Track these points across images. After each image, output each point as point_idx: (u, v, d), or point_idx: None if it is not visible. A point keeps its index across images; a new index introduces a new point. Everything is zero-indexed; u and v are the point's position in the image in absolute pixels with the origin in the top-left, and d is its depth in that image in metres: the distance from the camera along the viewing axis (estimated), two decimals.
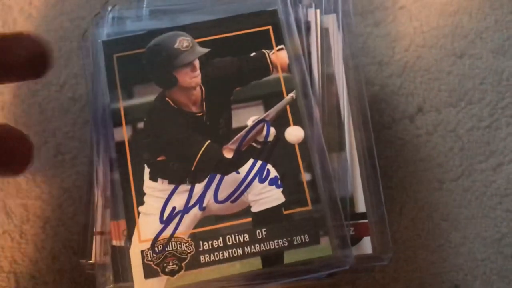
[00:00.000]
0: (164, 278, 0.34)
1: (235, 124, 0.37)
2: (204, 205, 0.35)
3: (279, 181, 0.36)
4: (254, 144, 0.36)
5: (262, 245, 0.34)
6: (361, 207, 0.36)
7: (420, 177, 0.44)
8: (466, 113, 0.45)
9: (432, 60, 0.47)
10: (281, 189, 0.35)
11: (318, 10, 0.39)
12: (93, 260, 0.34)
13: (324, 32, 0.39)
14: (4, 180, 0.44)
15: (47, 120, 0.46)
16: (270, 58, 0.38)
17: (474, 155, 0.44)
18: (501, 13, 0.48)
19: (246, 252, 0.34)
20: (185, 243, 0.34)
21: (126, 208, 0.35)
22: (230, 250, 0.34)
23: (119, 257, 0.34)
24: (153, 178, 0.36)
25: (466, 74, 0.46)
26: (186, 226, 0.35)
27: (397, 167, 0.44)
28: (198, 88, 0.37)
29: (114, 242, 0.34)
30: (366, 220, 0.36)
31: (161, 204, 0.35)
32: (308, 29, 0.39)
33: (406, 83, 0.46)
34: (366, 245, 0.35)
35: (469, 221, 0.43)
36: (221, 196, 0.35)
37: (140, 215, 0.35)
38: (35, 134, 0.45)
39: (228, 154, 0.36)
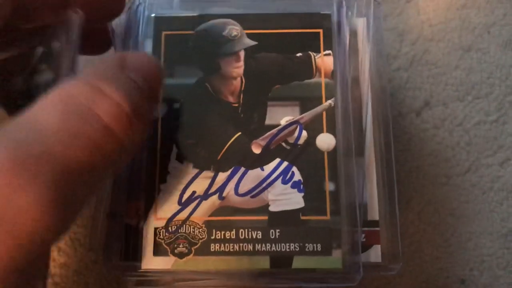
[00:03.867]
0: (172, 259, 0.34)
1: (268, 121, 0.37)
2: (223, 195, 0.35)
3: (301, 186, 0.35)
4: (283, 144, 0.36)
5: (273, 245, 0.34)
6: (374, 214, 0.36)
7: (426, 172, 0.44)
8: (473, 107, 0.45)
9: (440, 54, 0.47)
10: (302, 194, 0.35)
11: (349, 12, 0.39)
12: (103, 241, 0.35)
13: (353, 35, 0.39)
14: None
15: None
16: (315, 62, 0.38)
17: (481, 150, 0.44)
18: (510, 6, 0.48)
19: (256, 250, 0.34)
20: (199, 228, 0.35)
21: (148, 183, 0.35)
22: (241, 244, 0.34)
23: (131, 236, 0.34)
24: (180, 159, 0.36)
25: (473, 68, 0.46)
26: (202, 212, 0.35)
27: (403, 161, 0.44)
28: (238, 79, 0.37)
29: (128, 221, 0.35)
30: (378, 228, 0.35)
31: (183, 186, 0.35)
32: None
33: (413, 77, 0.46)
34: (376, 254, 0.35)
35: (475, 216, 0.43)
36: (242, 189, 0.35)
37: (160, 192, 0.35)
38: None
39: (256, 149, 0.36)
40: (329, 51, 0.38)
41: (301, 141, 0.36)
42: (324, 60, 0.38)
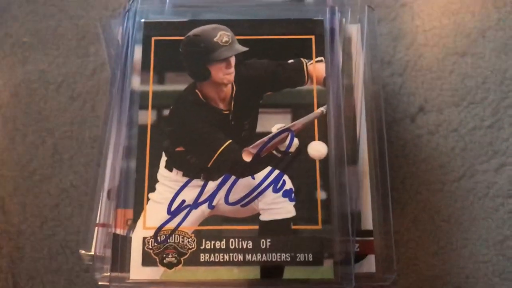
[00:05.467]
0: (161, 269, 0.34)
1: (259, 129, 0.36)
2: (213, 204, 0.35)
3: (293, 194, 0.35)
4: (274, 152, 0.36)
5: (264, 255, 0.34)
6: (368, 224, 0.35)
7: (421, 178, 0.43)
8: (468, 113, 0.45)
9: (434, 59, 0.47)
10: (293, 203, 0.35)
11: (344, 19, 0.38)
12: (92, 252, 0.34)
13: (347, 42, 0.38)
14: (1, 179, 0.44)
15: (44, 119, 0.46)
16: (307, 68, 0.37)
17: (476, 156, 0.44)
18: (504, 11, 0.48)
19: (246, 259, 0.34)
20: (188, 238, 0.34)
21: (137, 192, 0.35)
22: (231, 254, 0.34)
23: (120, 246, 0.34)
24: (169, 167, 0.35)
25: (468, 73, 0.46)
26: (192, 221, 0.34)
27: (398, 168, 0.43)
28: (229, 86, 0.37)
29: (117, 231, 0.34)
30: (372, 238, 0.35)
31: (172, 195, 0.35)
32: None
33: (408, 82, 0.46)
34: (370, 264, 0.35)
35: (471, 223, 0.42)
36: (232, 198, 0.35)
37: (149, 201, 0.35)
38: (32, 133, 0.46)
39: (247, 157, 0.35)
40: (321, 58, 0.37)
41: (292, 149, 0.36)
42: (316, 67, 0.37)
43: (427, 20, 0.48)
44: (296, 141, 0.36)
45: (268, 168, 0.35)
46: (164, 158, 0.36)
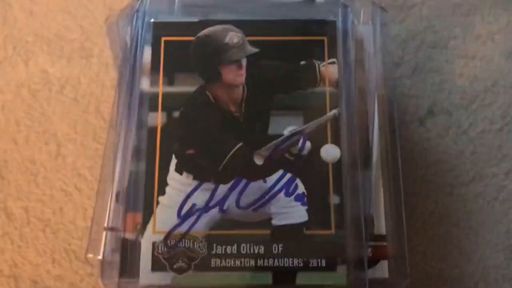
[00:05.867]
0: (170, 274, 0.33)
1: (271, 131, 0.36)
2: (224, 208, 0.34)
3: (305, 199, 0.34)
4: (287, 155, 0.35)
5: (276, 260, 0.33)
6: (381, 228, 0.35)
7: (430, 182, 0.43)
8: (477, 116, 0.45)
9: (443, 61, 0.46)
10: (306, 207, 0.34)
11: (355, 20, 0.38)
12: (101, 256, 0.34)
13: (359, 44, 0.38)
14: (4, 181, 0.44)
15: (48, 121, 0.45)
16: (319, 70, 0.37)
17: (486, 159, 0.43)
18: None
19: (258, 265, 0.33)
20: (199, 243, 0.33)
21: (146, 195, 0.34)
22: (242, 260, 0.33)
23: (129, 251, 0.33)
24: (179, 170, 0.35)
25: (477, 76, 0.46)
26: (202, 225, 0.34)
27: (407, 171, 0.42)
28: (240, 88, 0.36)
29: (127, 235, 0.33)
30: (385, 243, 0.34)
31: (182, 198, 0.34)
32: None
33: (416, 85, 0.46)
34: (383, 269, 0.34)
35: (480, 227, 0.42)
36: (244, 202, 0.34)
37: (159, 205, 0.34)
38: (36, 135, 0.45)
39: (259, 161, 0.35)
40: (334, 59, 0.37)
41: (305, 152, 0.35)
42: (329, 69, 0.37)
43: (436, 22, 0.47)
44: (308, 144, 0.35)
45: (280, 172, 0.35)
46: (174, 161, 0.35)
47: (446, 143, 0.44)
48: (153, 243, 0.33)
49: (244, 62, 0.36)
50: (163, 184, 0.34)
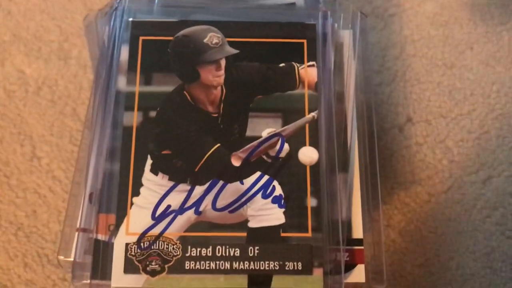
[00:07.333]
0: (143, 277, 0.32)
1: (249, 133, 0.35)
2: (200, 209, 0.34)
3: (282, 201, 0.34)
4: (264, 157, 0.35)
5: (252, 263, 0.33)
6: (358, 232, 0.35)
7: (408, 189, 0.43)
8: (456, 124, 0.45)
9: (423, 69, 0.47)
10: (283, 210, 0.34)
11: (336, 24, 0.38)
12: (72, 258, 0.33)
13: (338, 48, 0.38)
14: None
15: (23, 122, 0.44)
16: (298, 73, 0.36)
17: (464, 167, 0.44)
18: (492, 24, 0.48)
19: (233, 268, 0.32)
20: (173, 245, 0.33)
21: (120, 196, 0.33)
22: (217, 262, 0.32)
23: (101, 252, 0.32)
24: (154, 171, 0.34)
25: (456, 84, 0.46)
26: (177, 227, 0.33)
27: (385, 178, 0.43)
28: (219, 88, 0.36)
29: (99, 236, 0.33)
30: (362, 247, 0.34)
31: (156, 200, 0.33)
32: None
33: (396, 92, 0.46)
34: (360, 273, 0.34)
35: (458, 235, 0.42)
36: (220, 204, 0.34)
37: (133, 206, 0.33)
38: (10, 136, 0.44)
39: (236, 162, 0.34)
40: (313, 62, 0.37)
41: (283, 154, 0.35)
42: (308, 71, 0.37)
43: (416, 30, 0.48)
44: (286, 146, 0.35)
45: (258, 174, 0.34)
46: (149, 161, 0.34)
47: (424, 151, 0.44)
48: (126, 245, 0.32)
49: (223, 63, 0.36)
50: (137, 184, 0.34)
